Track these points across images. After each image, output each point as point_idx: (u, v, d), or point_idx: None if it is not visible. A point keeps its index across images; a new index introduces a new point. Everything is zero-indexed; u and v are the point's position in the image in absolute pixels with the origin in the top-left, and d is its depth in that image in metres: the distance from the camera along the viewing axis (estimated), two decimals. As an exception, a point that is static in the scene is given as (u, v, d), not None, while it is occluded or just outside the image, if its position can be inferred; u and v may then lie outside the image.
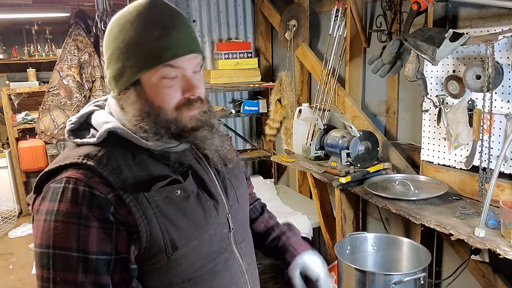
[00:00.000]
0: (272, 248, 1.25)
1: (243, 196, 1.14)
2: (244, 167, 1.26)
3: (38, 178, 0.91)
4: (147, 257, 0.91)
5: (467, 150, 1.78)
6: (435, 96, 1.87)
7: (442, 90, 1.87)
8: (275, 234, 1.26)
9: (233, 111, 3.40)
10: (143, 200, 0.88)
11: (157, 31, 0.88)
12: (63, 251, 0.84)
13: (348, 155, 2.16)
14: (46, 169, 0.91)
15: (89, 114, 0.99)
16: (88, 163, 0.87)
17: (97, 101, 1.05)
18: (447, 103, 1.85)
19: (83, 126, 0.98)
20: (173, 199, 0.92)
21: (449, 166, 1.90)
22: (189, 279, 0.96)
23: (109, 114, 0.98)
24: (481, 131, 1.66)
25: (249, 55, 3.36)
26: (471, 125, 1.72)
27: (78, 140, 0.94)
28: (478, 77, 1.62)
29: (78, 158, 0.89)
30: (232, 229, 1.05)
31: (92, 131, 0.95)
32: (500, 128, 1.67)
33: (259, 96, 3.55)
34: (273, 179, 3.50)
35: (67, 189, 0.85)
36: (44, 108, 3.42)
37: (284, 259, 1.22)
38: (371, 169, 2.13)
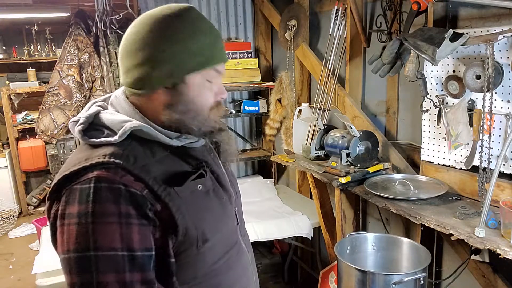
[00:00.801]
0: None
1: (239, 190, 1.19)
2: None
3: (55, 182, 0.88)
4: (179, 251, 0.92)
5: (467, 150, 1.78)
6: (435, 96, 1.87)
7: (442, 90, 1.87)
8: None
9: (233, 111, 3.40)
10: (175, 195, 0.90)
11: (209, 38, 0.96)
12: (107, 251, 0.82)
13: (348, 155, 2.16)
14: (65, 172, 0.87)
15: (96, 115, 0.99)
16: (116, 162, 0.86)
17: (96, 102, 1.05)
18: (447, 103, 1.85)
19: (91, 127, 0.97)
20: (197, 194, 0.95)
21: (449, 166, 1.90)
22: (210, 271, 0.99)
23: (119, 113, 0.98)
24: (481, 131, 1.66)
25: (249, 55, 3.36)
26: (471, 125, 1.72)
27: (95, 140, 0.92)
28: (478, 77, 1.62)
29: (104, 157, 0.87)
30: (238, 222, 1.11)
31: (106, 131, 0.94)
32: (500, 128, 1.67)
33: (259, 96, 3.55)
34: (273, 179, 3.50)
35: (100, 188, 0.83)
36: (44, 108, 3.42)
37: None
38: (371, 169, 2.13)
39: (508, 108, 1.63)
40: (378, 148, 2.21)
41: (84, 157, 0.89)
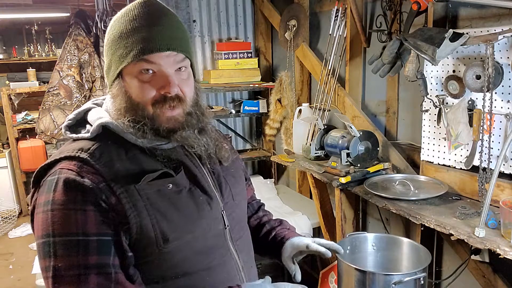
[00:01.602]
0: (265, 243, 1.26)
1: (240, 194, 1.15)
2: (243, 168, 1.28)
3: (35, 173, 0.95)
4: (139, 249, 0.92)
5: (467, 150, 1.78)
6: (435, 96, 1.87)
7: (442, 90, 1.87)
8: (265, 229, 1.28)
9: (233, 111, 3.40)
10: (133, 192, 0.90)
11: (138, 25, 0.92)
12: (63, 237, 0.85)
13: (348, 155, 2.15)
14: (43, 164, 0.95)
15: (87, 111, 1.03)
16: (81, 156, 0.91)
17: (96, 100, 1.08)
18: (447, 103, 1.85)
19: (81, 123, 1.01)
20: (165, 193, 0.94)
21: (449, 166, 1.90)
22: (183, 273, 0.96)
23: (104, 111, 1.01)
24: (481, 131, 1.66)
25: (249, 55, 3.36)
26: (471, 125, 1.72)
27: (74, 135, 0.98)
28: (478, 77, 1.62)
29: (72, 152, 0.92)
30: (228, 226, 1.06)
31: (87, 127, 0.99)
32: (500, 128, 1.66)
33: (259, 96, 3.55)
34: (273, 179, 3.50)
35: (60, 179, 0.88)
36: (44, 108, 3.42)
37: (276, 251, 1.24)
38: (371, 169, 2.13)
39: (508, 108, 1.63)
40: (378, 148, 2.21)
41: (60, 151, 0.96)
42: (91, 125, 0.98)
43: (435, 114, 1.90)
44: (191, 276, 0.97)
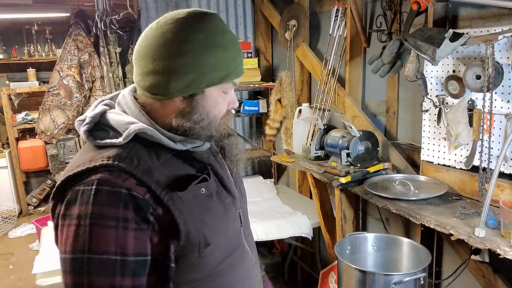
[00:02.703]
0: None
1: (245, 191, 1.19)
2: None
3: (60, 182, 0.89)
4: (181, 255, 0.92)
5: (467, 150, 1.78)
6: (435, 96, 1.87)
7: (442, 90, 1.87)
8: None
9: (233, 111, 3.39)
10: (177, 200, 0.90)
11: (232, 51, 0.96)
12: (100, 255, 0.82)
13: (348, 155, 2.16)
14: (70, 173, 0.88)
15: (102, 114, 0.98)
16: (120, 165, 0.86)
17: (103, 101, 1.04)
18: (447, 103, 1.85)
19: (97, 126, 0.96)
20: (200, 198, 0.95)
21: (449, 166, 1.90)
22: (211, 273, 0.98)
23: (125, 114, 0.97)
24: (481, 131, 1.66)
25: (249, 55, 3.36)
26: (471, 125, 1.72)
27: (100, 141, 0.92)
28: (478, 77, 1.62)
29: (108, 160, 0.87)
30: (242, 223, 1.10)
31: (111, 131, 0.94)
32: (500, 128, 1.67)
33: (259, 96, 3.55)
34: (273, 179, 3.50)
35: (101, 191, 0.84)
36: (44, 108, 3.42)
37: None
38: (371, 169, 2.13)
39: (508, 108, 1.63)
40: (378, 148, 2.21)
41: (89, 159, 0.89)
42: (115, 130, 0.94)
43: (435, 114, 1.90)
44: (217, 275, 1.00)
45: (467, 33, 1.64)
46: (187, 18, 0.93)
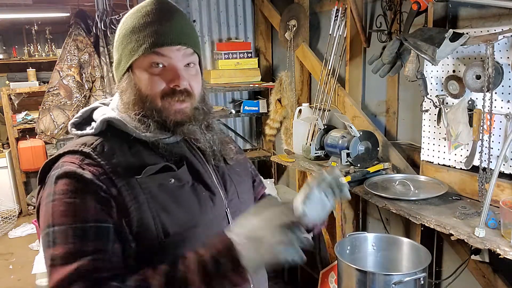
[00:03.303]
0: None
1: (246, 193, 1.15)
2: (252, 169, 1.28)
3: (40, 169, 0.97)
4: (140, 241, 0.92)
5: (467, 150, 1.78)
6: (435, 96, 1.87)
7: (442, 90, 1.87)
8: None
9: (233, 111, 3.40)
10: (135, 185, 0.91)
11: (150, 20, 0.95)
12: (61, 225, 0.87)
13: (348, 155, 2.15)
14: (48, 160, 0.97)
15: (93, 110, 1.05)
16: (83, 150, 0.93)
17: (104, 100, 1.11)
18: (447, 103, 1.85)
19: (87, 121, 1.03)
20: (167, 187, 0.94)
21: (449, 166, 1.90)
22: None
23: (110, 109, 1.03)
24: (481, 131, 1.66)
25: (249, 55, 3.36)
26: (471, 125, 1.72)
27: (78, 132, 1.00)
28: (478, 77, 1.62)
29: (75, 146, 0.95)
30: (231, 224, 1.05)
31: (92, 124, 1.00)
32: (500, 128, 1.66)
33: (259, 96, 3.55)
34: (273, 179, 3.50)
35: (63, 171, 0.91)
36: (44, 108, 3.42)
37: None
38: (371, 169, 2.13)
39: (508, 108, 1.63)
40: (378, 148, 2.21)
41: (64, 147, 0.98)
42: (96, 122, 1.00)
43: (435, 114, 1.90)
44: None
45: (467, 33, 1.64)
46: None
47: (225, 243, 0.85)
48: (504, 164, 1.64)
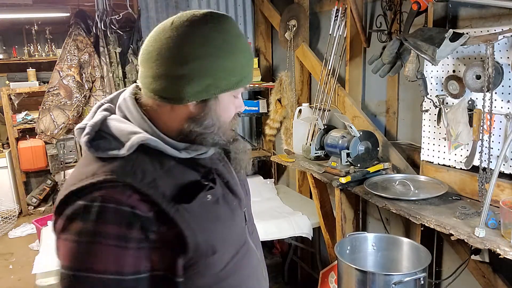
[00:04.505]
0: None
1: (249, 188, 1.19)
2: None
3: (61, 197, 0.86)
4: (188, 265, 0.90)
5: (467, 150, 1.78)
6: (435, 96, 1.87)
7: (442, 90, 1.87)
8: None
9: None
10: (184, 212, 0.87)
11: (246, 57, 0.94)
12: (101, 274, 0.81)
13: (348, 155, 2.16)
14: (72, 187, 0.85)
15: (102, 121, 0.93)
16: (124, 180, 0.84)
17: (102, 105, 0.99)
18: (447, 103, 1.85)
19: (98, 135, 0.91)
20: (206, 205, 0.92)
21: (449, 166, 1.90)
22: (218, 277, 0.97)
23: (126, 121, 0.94)
24: (481, 131, 1.66)
25: (249, 55, 3.36)
26: (471, 125, 1.72)
27: (102, 154, 0.88)
28: (478, 77, 1.62)
29: (112, 174, 0.85)
30: (247, 221, 1.09)
31: (113, 141, 0.90)
32: (500, 128, 1.67)
33: (259, 96, 3.55)
34: (273, 179, 3.50)
35: (104, 209, 0.82)
36: (44, 108, 3.42)
37: None
38: (371, 169, 2.13)
39: (508, 108, 1.63)
40: (378, 148, 2.21)
41: (91, 172, 0.86)
42: (116, 139, 0.90)
43: (435, 114, 1.90)
44: (225, 276, 0.98)
45: (467, 33, 1.64)
46: (204, 20, 0.90)
47: None
48: (504, 164, 1.64)
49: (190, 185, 0.91)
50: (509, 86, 1.62)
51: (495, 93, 1.65)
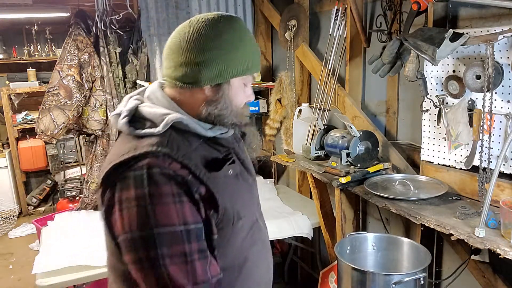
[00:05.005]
0: None
1: (255, 174, 1.31)
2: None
3: (106, 170, 0.98)
4: (219, 229, 1.04)
5: (467, 150, 1.78)
6: (435, 96, 1.87)
7: (442, 90, 1.87)
8: None
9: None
10: (214, 179, 1.02)
11: (254, 48, 1.11)
12: (168, 227, 0.93)
13: (348, 155, 2.16)
14: (116, 161, 0.97)
15: (136, 108, 1.09)
16: (163, 150, 0.97)
17: (132, 97, 1.13)
18: (447, 103, 1.85)
19: (133, 119, 1.06)
20: (228, 178, 1.07)
21: (449, 166, 1.90)
22: (240, 247, 1.11)
23: (157, 106, 1.08)
24: (481, 131, 1.66)
25: (249, 55, 3.36)
26: (471, 125, 1.72)
27: (140, 131, 1.02)
28: (478, 77, 1.62)
29: (152, 147, 0.98)
30: (257, 201, 1.25)
31: (147, 122, 1.04)
32: (500, 128, 1.67)
33: (259, 96, 3.55)
34: (273, 179, 3.50)
35: (153, 173, 0.94)
36: (44, 108, 3.41)
37: None
38: (371, 169, 2.13)
39: (508, 108, 1.63)
40: (378, 148, 2.21)
41: (133, 147, 0.99)
42: (151, 121, 1.04)
43: (435, 114, 1.90)
44: (244, 248, 1.12)
45: (467, 33, 1.64)
46: (217, 18, 1.07)
47: None
48: (504, 164, 1.64)
49: (214, 159, 1.06)
50: (509, 86, 1.62)
51: (495, 93, 1.65)
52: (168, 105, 1.07)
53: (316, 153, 2.43)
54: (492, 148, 1.64)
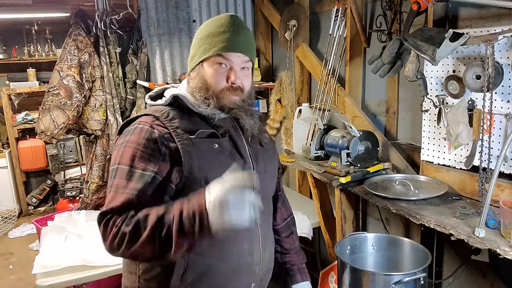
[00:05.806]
0: (280, 263, 1.68)
1: (272, 171, 1.42)
2: (279, 166, 1.53)
3: (121, 125, 1.29)
4: (185, 185, 1.19)
5: (467, 150, 1.78)
6: (435, 96, 1.87)
7: (442, 90, 1.87)
8: (288, 258, 1.67)
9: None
10: (188, 141, 1.20)
11: (223, 30, 1.25)
12: (122, 165, 1.18)
13: (348, 155, 2.16)
14: (128, 119, 1.29)
15: (165, 89, 1.35)
16: (155, 114, 1.24)
17: (172, 85, 1.40)
18: (447, 103, 1.85)
19: (158, 96, 1.34)
20: (212, 150, 1.23)
21: (449, 166, 1.90)
22: None
23: (178, 90, 1.31)
24: (481, 131, 1.66)
25: (249, 55, 3.35)
26: (471, 125, 1.72)
27: (152, 102, 1.34)
28: (478, 77, 1.62)
29: (149, 111, 1.26)
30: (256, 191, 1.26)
31: (163, 98, 1.31)
32: (500, 128, 1.67)
33: (259, 96, 3.55)
34: (273, 179, 3.49)
35: (137, 127, 1.22)
36: (44, 108, 3.41)
37: (285, 279, 1.70)
38: (371, 169, 2.13)
39: (508, 108, 1.63)
40: (378, 148, 2.21)
41: (143, 112, 1.29)
42: (164, 97, 1.31)
43: (435, 114, 1.90)
44: None
45: (467, 33, 1.64)
46: (210, 19, 1.31)
47: (200, 206, 1.04)
48: (504, 164, 1.64)
49: (201, 132, 1.22)
50: (509, 86, 1.62)
51: (495, 93, 1.65)
52: (182, 87, 1.33)
53: (316, 153, 2.43)
54: (492, 148, 1.64)
